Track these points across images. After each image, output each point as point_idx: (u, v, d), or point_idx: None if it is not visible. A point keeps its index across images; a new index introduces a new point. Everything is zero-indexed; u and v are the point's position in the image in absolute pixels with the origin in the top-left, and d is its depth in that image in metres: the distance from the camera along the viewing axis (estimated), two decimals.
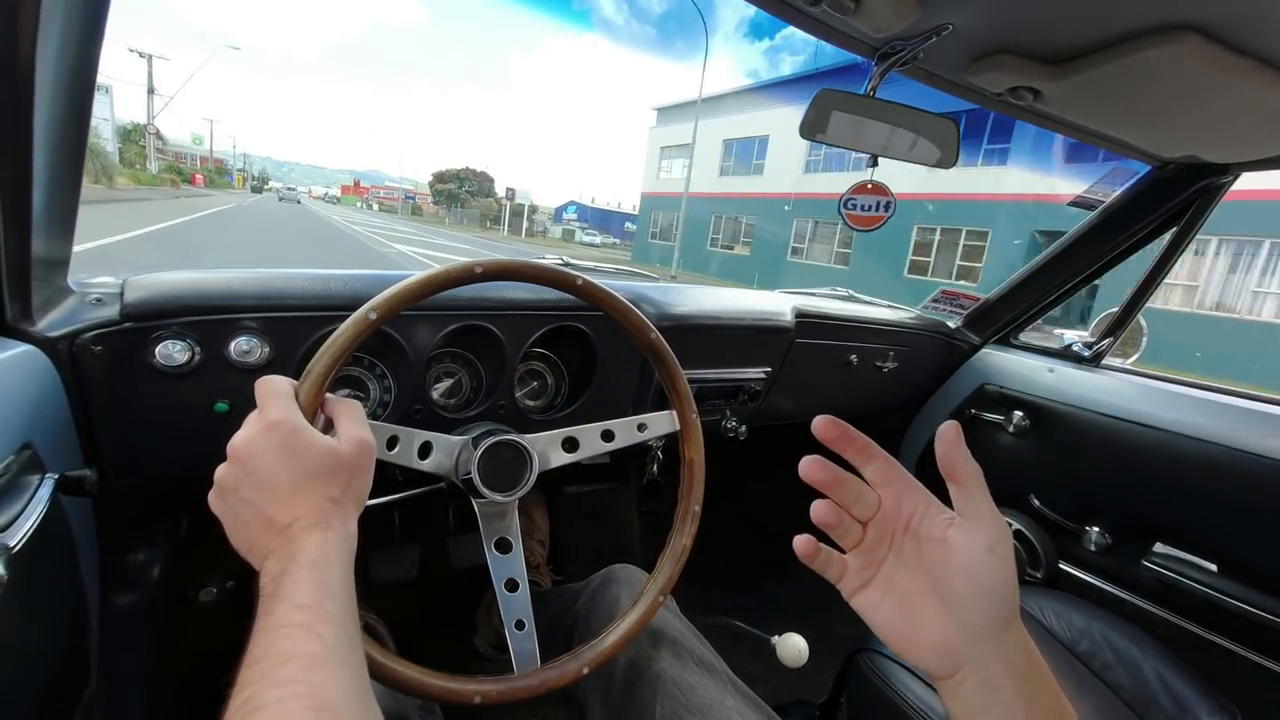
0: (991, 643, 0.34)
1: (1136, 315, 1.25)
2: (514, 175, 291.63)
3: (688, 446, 0.67)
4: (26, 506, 0.48)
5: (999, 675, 0.33)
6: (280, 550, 0.39)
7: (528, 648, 0.59)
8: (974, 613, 0.34)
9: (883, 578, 0.38)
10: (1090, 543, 1.17)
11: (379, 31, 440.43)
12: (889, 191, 0.90)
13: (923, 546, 0.36)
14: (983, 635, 0.34)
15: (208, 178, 48.67)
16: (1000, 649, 0.34)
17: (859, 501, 0.39)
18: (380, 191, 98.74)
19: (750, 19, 23.16)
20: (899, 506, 0.38)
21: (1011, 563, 0.34)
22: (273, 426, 0.42)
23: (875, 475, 0.39)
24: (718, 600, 1.46)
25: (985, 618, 0.34)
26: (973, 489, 0.35)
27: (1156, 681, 0.82)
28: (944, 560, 0.35)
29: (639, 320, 0.64)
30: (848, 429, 0.38)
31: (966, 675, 0.34)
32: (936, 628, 0.35)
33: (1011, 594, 0.34)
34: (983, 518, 0.35)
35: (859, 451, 0.39)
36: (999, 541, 0.34)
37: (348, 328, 0.50)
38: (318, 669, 0.32)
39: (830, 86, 0.79)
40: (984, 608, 0.34)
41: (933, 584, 0.35)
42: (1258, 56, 0.59)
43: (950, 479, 0.35)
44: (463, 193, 60.15)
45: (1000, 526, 0.35)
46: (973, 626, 0.34)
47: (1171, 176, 1.04)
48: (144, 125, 31.90)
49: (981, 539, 0.34)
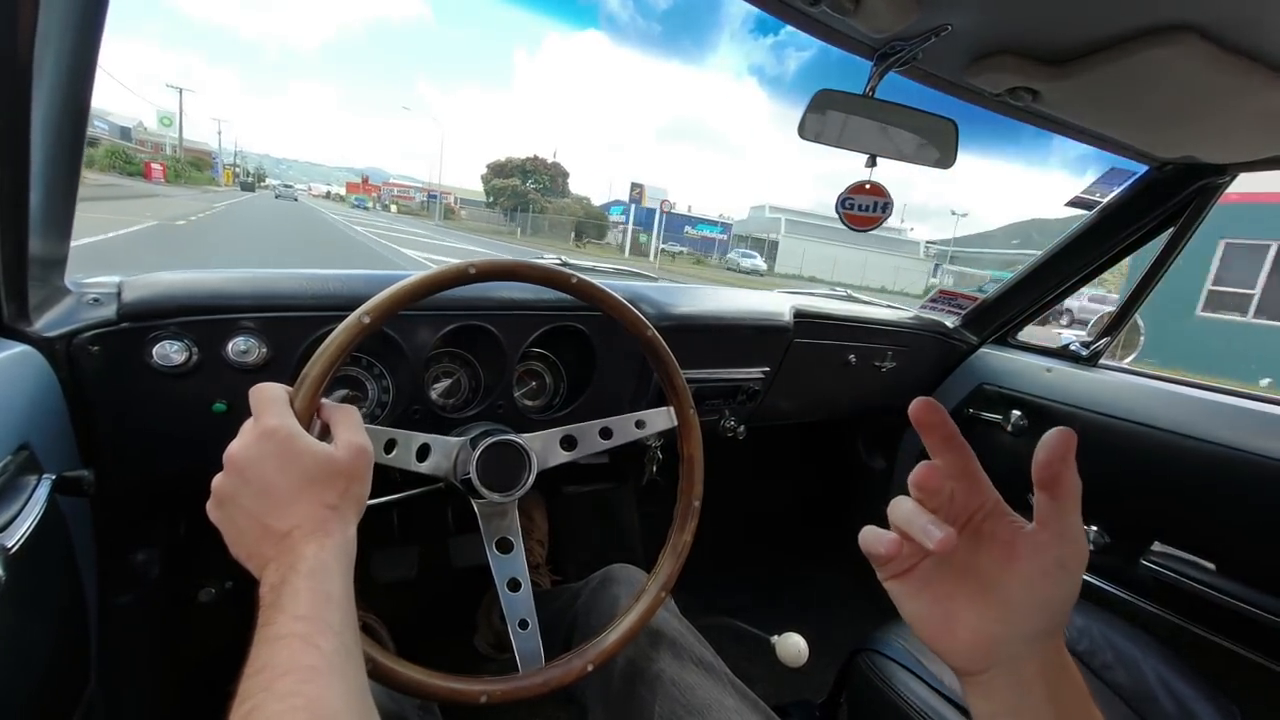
0: (1030, 647, 0.33)
1: (1134, 315, 1.25)
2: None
3: (686, 443, 0.67)
4: (24, 507, 0.48)
5: (1032, 678, 0.33)
6: (279, 559, 0.39)
7: (531, 646, 0.59)
8: (1025, 621, 0.33)
9: (925, 567, 0.37)
10: (1089, 542, 1.17)
11: (381, 29, 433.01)
12: (887, 193, 0.90)
13: (981, 545, 0.35)
14: (1025, 641, 0.33)
15: (173, 170, 36.05)
16: (1038, 653, 0.33)
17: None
18: (394, 190, 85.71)
19: (756, 15, 23.61)
20: (967, 500, 0.36)
21: (1078, 581, 0.33)
22: (268, 434, 0.42)
23: (952, 464, 0.37)
24: (717, 600, 1.46)
25: (1034, 627, 0.33)
26: (1069, 505, 0.33)
27: (1156, 681, 0.82)
28: (1005, 564, 0.34)
29: (635, 318, 0.64)
30: (945, 416, 0.36)
31: (997, 674, 0.33)
32: (975, 627, 0.34)
33: (1068, 609, 0.34)
34: (1069, 533, 0.33)
35: (945, 439, 0.36)
36: (1074, 559, 0.33)
37: (341, 332, 0.49)
38: (316, 680, 0.33)
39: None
40: (1036, 618, 0.33)
41: (982, 583, 0.35)
42: (1256, 57, 0.59)
43: (1049, 488, 0.33)
44: (533, 191, 44.80)
45: (1081, 546, 0.34)
46: (1019, 632, 0.33)
47: (1169, 177, 1.04)
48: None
49: (1056, 554, 0.33)
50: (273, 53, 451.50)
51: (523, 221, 41.97)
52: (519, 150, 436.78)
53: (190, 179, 38.84)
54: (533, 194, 44.49)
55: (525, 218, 42.31)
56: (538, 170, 45.88)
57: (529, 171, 45.13)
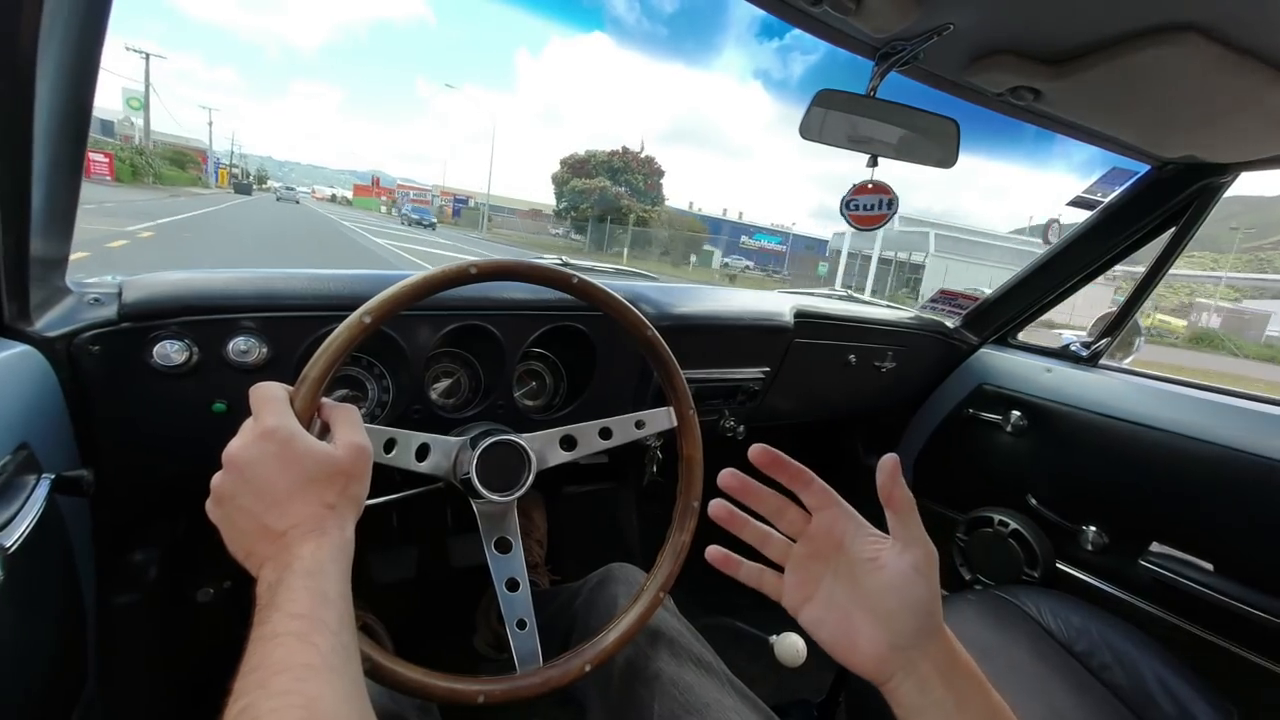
0: (918, 650, 0.38)
1: (1134, 315, 1.25)
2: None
3: (686, 443, 0.67)
4: (23, 507, 0.48)
5: (929, 676, 0.37)
6: (276, 558, 0.39)
7: (530, 646, 0.59)
8: (902, 624, 0.38)
9: (823, 594, 0.42)
10: (1087, 542, 1.17)
11: (383, 30, 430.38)
12: (891, 190, 0.90)
13: (855, 565, 0.40)
14: (910, 644, 0.38)
15: (128, 165, 25.08)
16: (927, 654, 0.38)
17: (780, 516, 0.44)
18: (410, 192, 69.28)
19: (761, 18, 23.01)
20: (831, 528, 0.42)
21: (935, 582, 0.39)
22: (267, 434, 0.42)
23: (812, 500, 0.43)
24: (716, 600, 1.46)
25: (911, 629, 0.38)
26: (907, 516, 0.39)
27: (1154, 681, 0.82)
28: (876, 577, 0.39)
29: (635, 317, 0.64)
30: (780, 456, 0.44)
31: (901, 680, 0.38)
32: (871, 638, 0.39)
33: (935, 608, 0.39)
34: (913, 541, 0.39)
35: (793, 477, 0.44)
36: (925, 562, 0.39)
37: (342, 332, 0.49)
38: (312, 679, 0.32)
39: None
40: (910, 620, 0.38)
41: (866, 599, 0.40)
42: (1258, 56, 0.59)
43: (887, 505, 0.40)
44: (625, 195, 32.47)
45: (928, 549, 0.39)
46: (902, 636, 0.38)
47: (1171, 176, 1.04)
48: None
49: (909, 559, 0.39)
50: (274, 53, 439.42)
51: (598, 235, 31.83)
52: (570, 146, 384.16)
53: (163, 177, 29.20)
54: (625, 199, 32.32)
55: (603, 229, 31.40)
56: (630, 167, 33.27)
57: (618, 169, 32.84)
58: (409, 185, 79.88)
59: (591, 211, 33.25)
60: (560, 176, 35.27)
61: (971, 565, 1.33)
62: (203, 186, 41.08)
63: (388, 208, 65.77)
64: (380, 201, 73.23)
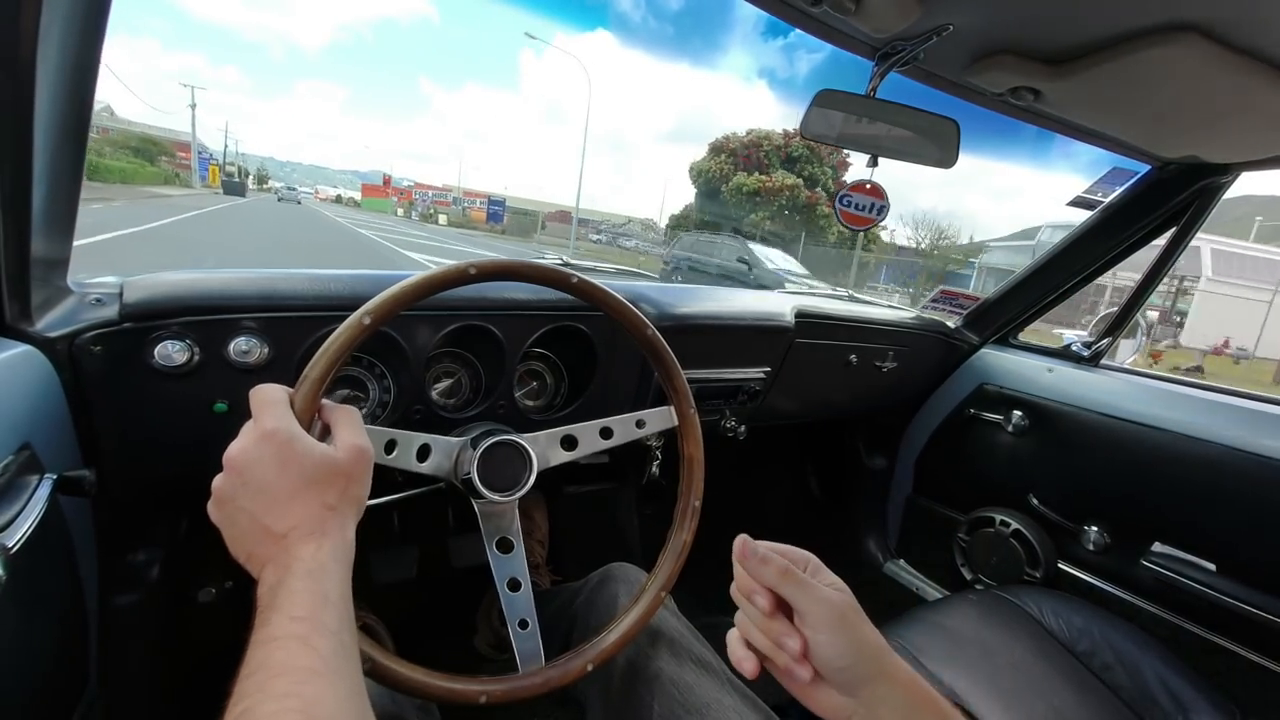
0: (866, 690, 0.40)
1: (1136, 315, 1.25)
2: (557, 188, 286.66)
3: (686, 442, 0.67)
4: (25, 507, 0.48)
5: (885, 717, 0.39)
6: (277, 559, 0.39)
7: (531, 646, 0.59)
8: (845, 674, 0.40)
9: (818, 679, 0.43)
10: (1089, 542, 1.17)
11: (387, 29, 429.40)
12: (885, 195, 0.90)
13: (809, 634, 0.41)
14: (855, 688, 0.40)
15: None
16: (876, 694, 0.39)
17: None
18: (429, 193, 63.85)
19: (766, 18, 22.51)
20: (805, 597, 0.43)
21: (858, 629, 0.41)
22: (268, 435, 0.42)
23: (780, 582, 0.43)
24: (717, 600, 1.45)
25: (855, 675, 0.40)
26: (790, 586, 0.41)
27: (1156, 681, 0.82)
28: (816, 639, 0.41)
29: (635, 317, 0.64)
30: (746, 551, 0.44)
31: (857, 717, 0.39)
32: (825, 693, 0.41)
33: (875, 651, 0.40)
34: (818, 599, 0.41)
35: (763, 562, 0.43)
36: (842, 605, 0.41)
37: (342, 333, 0.49)
38: (312, 681, 0.32)
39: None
40: (852, 668, 0.40)
41: (818, 660, 0.41)
42: (1258, 56, 0.59)
43: (771, 587, 0.42)
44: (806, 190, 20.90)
45: (833, 598, 0.41)
46: (846, 686, 0.40)
47: (1171, 176, 1.04)
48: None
49: (825, 614, 0.40)
50: (278, 53, 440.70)
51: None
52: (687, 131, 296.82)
53: (113, 172, 22.94)
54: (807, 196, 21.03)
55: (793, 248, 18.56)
56: (815, 156, 21.63)
57: (796, 158, 21.54)
58: (427, 185, 71.30)
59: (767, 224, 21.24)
60: (712, 169, 22.48)
61: (973, 565, 1.33)
62: (180, 185, 35.57)
63: (405, 210, 56.05)
64: (393, 203, 63.68)
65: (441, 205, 54.05)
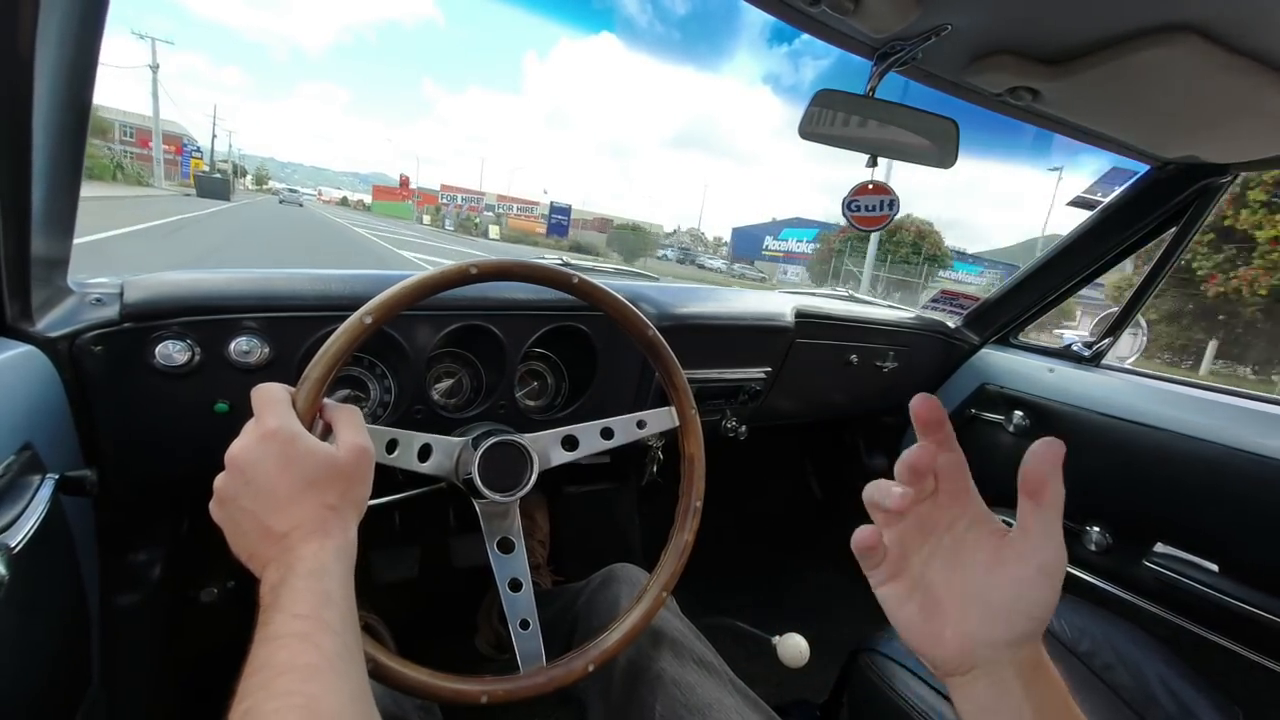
0: (1010, 650, 0.34)
1: (1136, 315, 1.25)
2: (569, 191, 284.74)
3: (687, 442, 0.67)
4: (27, 507, 0.48)
5: (1009, 679, 0.34)
6: (279, 559, 0.39)
7: (533, 646, 0.60)
8: (1006, 625, 0.34)
9: (913, 572, 0.38)
10: (1091, 542, 1.17)
11: (391, 31, 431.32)
12: (891, 190, 0.90)
13: (965, 550, 0.37)
14: (1005, 644, 0.34)
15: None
16: (1015, 655, 0.34)
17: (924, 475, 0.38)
18: (459, 196, 54.36)
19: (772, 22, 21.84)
20: (951, 502, 0.38)
21: (1058, 588, 0.34)
22: (269, 435, 0.42)
23: (945, 466, 0.38)
24: (718, 600, 1.46)
25: (1015, 630, 0.34)
26: (1050, 512, 0.35)
27: (1157, 682, 0.82)
28: (990, 569, 0.35)
29: (636, 318, 0.64)
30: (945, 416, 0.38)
31: (979, 675, 0.35)
32: (961, 631, 0.35)
33: (1048, 614, 0.34)
34: (1048, 539, 0.35)
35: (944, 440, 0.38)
36: (1054, 565, 0.34)
37: (344, 332, 0.50)
38: (315, 680, 0.32)
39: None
40: (1018, 623, 0.34)
41: (967, 589, 0.36)
42: (1257, 56, 0.59)
43: (1035, 496, 0.35)
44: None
45: (1060, 552, 0.35)
46: (1000, 635, 0.34)
47: (1171, 176, 1.04)
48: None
49: (1038, 559, 0.34)
50: (280, 54, 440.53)
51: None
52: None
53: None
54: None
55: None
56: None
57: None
58: (457, 188, 59.91)
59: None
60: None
61: None
62: (129, 182, 27.36)
63: (432, 217, 49.39)
64: (411, 207, 56.81)
65: (473, 211, 45.71)
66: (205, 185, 28.42)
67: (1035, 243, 22.10)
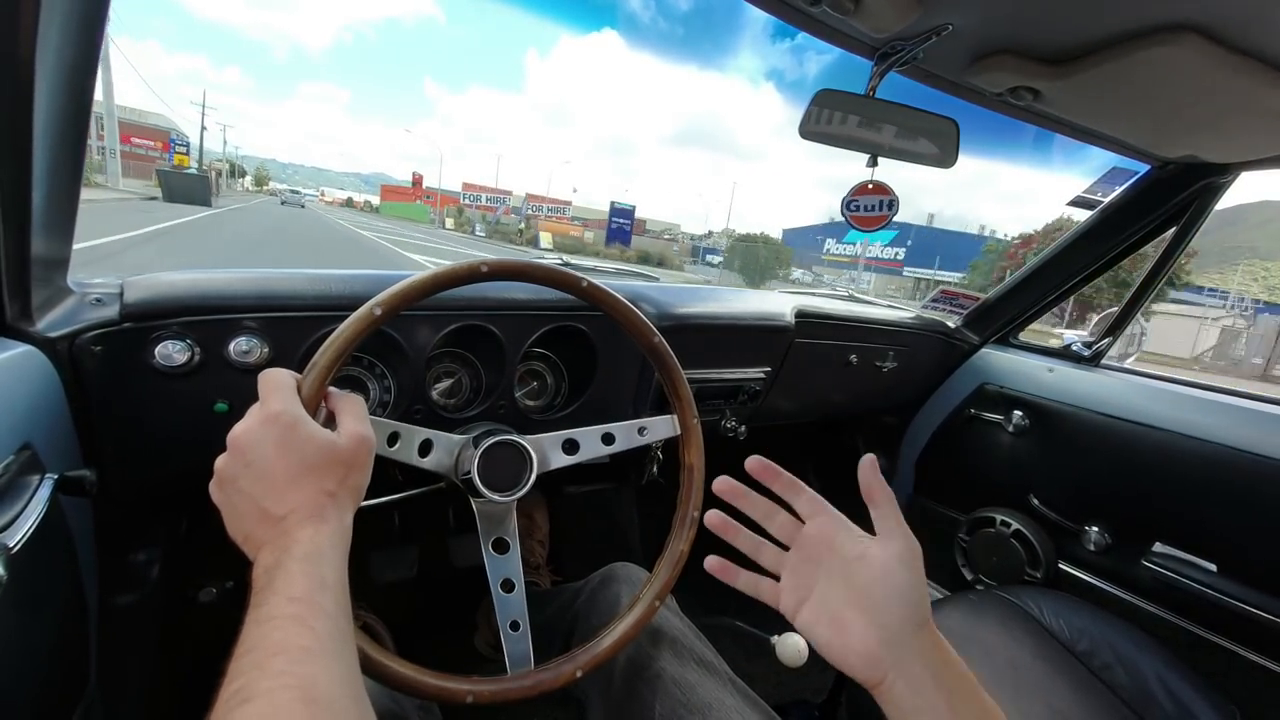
0: (907, 647, 0.39)
1: (1137, 315, 1.25)
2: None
3: (688, 451, 0.67)
4: (26, 507, 0.48)
5: (920, 676, 0.38)
6: (274, 542, 0.39)
7: (522, 649, 0.59)
8: (888, 615, 0.39)
9: (817, 597, 0.43)
10: (1090, 542, 1.17)
11: (392, 30, 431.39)
12: (890, 190, 0.90)
13: (845, 564, 0.42)
14: (898, 638, 0.39)
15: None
16: (917, 652, 0.38)
17: (770, 520, 0.47)
18: (484, 196, 49.96)
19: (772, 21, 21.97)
20: (822, 532, 0.44)
21: (919, 572, 0.40)
22: (272, 418, 0.42)
23: (804, 507, 0.46)
24: (718, 600, 1.45)
25: (899, 619, 0.39)
26: (886, 509, 0.42)
27: (1155, 681, 0.82)
28: (863, 572, 0.41)
29: (642, 323, 0.64)
30: (773, 466, 0.47)
31: (893, 679, 0.38)
32: (861, 636, 0.40)
33: (920, 598, 0.40)
34: (894, 533, 0.41)
35: (786, 486, 0.47)
36: (907, 551, 0.41)
37: (353, 323, 0.50)
38: (309, 661, 0.32)
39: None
40: (896, 609, 0.39)
41: (856, 597, 0.41)
42: (1257, 56, 0.59)
43: (869, 500, 0.42)
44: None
45: (909, 541, 0.41)
46: (889, 629, 0.39)
47: (1171, 176, 1.04)
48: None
49: (893, 549, 0.41)
50: (281, 54, 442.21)
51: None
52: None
53: None
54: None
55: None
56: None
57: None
58: (479, 186, 53.53)
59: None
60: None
61: (974, 565, 1.33)
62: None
63: (455, 220, 44.80)
64: (425, 208, 50.61)
65: (506, 214, 40.11)
66: (175, 186, 20.04)
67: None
